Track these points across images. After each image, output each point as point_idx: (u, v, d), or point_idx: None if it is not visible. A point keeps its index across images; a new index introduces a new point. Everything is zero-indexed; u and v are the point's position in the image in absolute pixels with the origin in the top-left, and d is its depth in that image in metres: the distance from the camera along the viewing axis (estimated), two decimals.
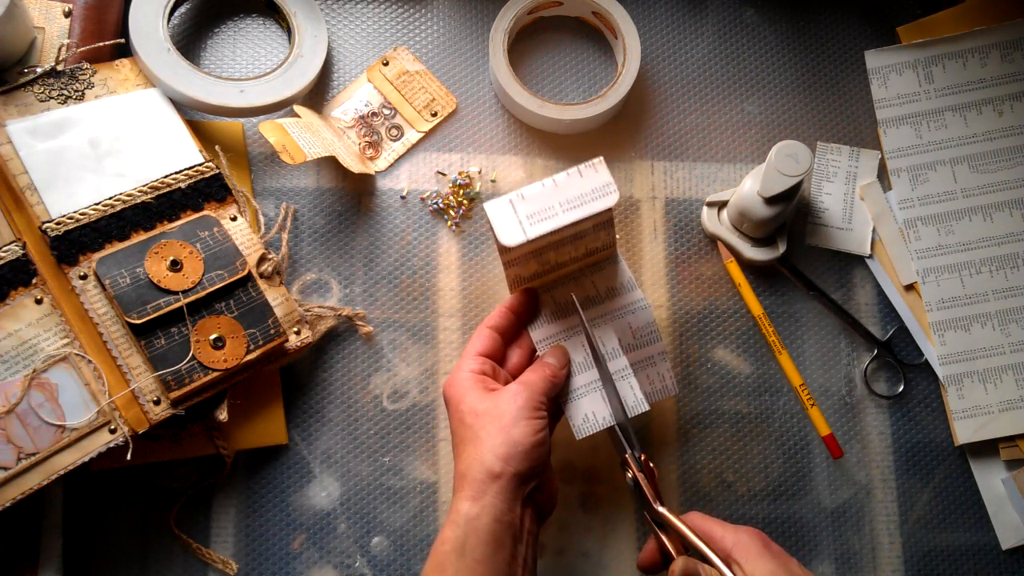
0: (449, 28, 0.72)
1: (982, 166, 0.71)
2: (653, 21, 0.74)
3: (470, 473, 0.49)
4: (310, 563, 0.62)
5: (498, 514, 0.48)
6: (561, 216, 0.51)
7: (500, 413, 0.50)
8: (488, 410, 0.51)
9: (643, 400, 0.56)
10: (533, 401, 0.51)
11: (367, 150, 0.69)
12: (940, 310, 0.69)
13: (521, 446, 0.49)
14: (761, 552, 0.48)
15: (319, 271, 0.66)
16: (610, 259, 0.60)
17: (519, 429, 0.50)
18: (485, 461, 0.49)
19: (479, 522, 0.47)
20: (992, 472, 0.67)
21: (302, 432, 0.64)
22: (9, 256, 0.56)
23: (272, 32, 0.71)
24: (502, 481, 0.48)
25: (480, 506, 0.48)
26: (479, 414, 0.51)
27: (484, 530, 0.47)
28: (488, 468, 0.49)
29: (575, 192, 0.52)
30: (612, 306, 0.59)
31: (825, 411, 0.67)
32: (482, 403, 0.51)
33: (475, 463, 0.49)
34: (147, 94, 0.63)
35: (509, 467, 0.49)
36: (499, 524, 0.48)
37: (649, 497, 0.53)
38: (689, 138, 0.72)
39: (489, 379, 0.54)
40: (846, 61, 0.74)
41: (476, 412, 0.51)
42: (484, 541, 0.47)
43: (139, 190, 0.60)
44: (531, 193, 0.52)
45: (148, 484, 0.61)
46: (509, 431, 0.50)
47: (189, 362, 0.56)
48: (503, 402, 0.51)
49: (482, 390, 0.52)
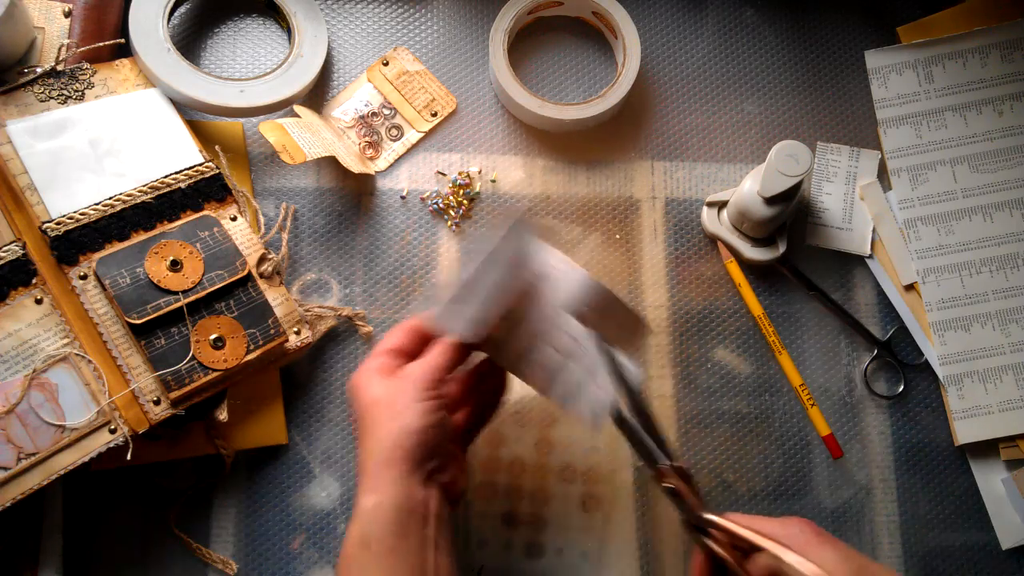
0: (449, 28, 0.72)
1: (982, 166, 0.71)
2: (653, 21, 0.74)
3: (366, 465, 0.48)
4: (310, 563, 0.62)
5: (398, 501, 0.46)
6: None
7: (392, 400, 0.49)
8: (380, 398, 0.49)
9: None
10: (424, 382, 0.49)
11: (367, 150, 0.69)
12: (940, 310, 0.69)
13: (411, 428, 0.48)
14: (818, 540, 0.46)
15: (319, 271, 0.66)
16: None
17: (410, 412, 0.48)
18: (376, 450, 0.48)
19: (379, 512, 0.46)
20: (992, 472, 0.67)
21: (302, 432, 0.64)
22: (9, 256, 0.56)
23: (272, 32, 0.71)
24: (396, 466, 0.47)
25: (378, 496, 0.47)
26: (371, 404, 0.50)
27: (385, 519, 0.46)
28: (380, 457, 0.47)
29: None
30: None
31: (825, 411, 0.67)
32: (375, 393, 0.50)
33: (369, 453, 0.48)
34: (147, 94, 0.63)
35: (398, 451, 0.47)
36: (400, 512, 0.46)
37: (692, 505, 0.50)
38: (689, 138, 0.72)
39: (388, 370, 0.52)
40: (846, 61, 0.74)
41: (368, 404, 0.50)
42: (389, 532, 0.46)
43: (139, 190, 0.60)
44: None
45: (148, 484, 0.61)
46: (401, 417, 0.48)
47: (189, 362, 0.56)
48: (394, 389, 0.50)
49: (377, 380, 0.51)
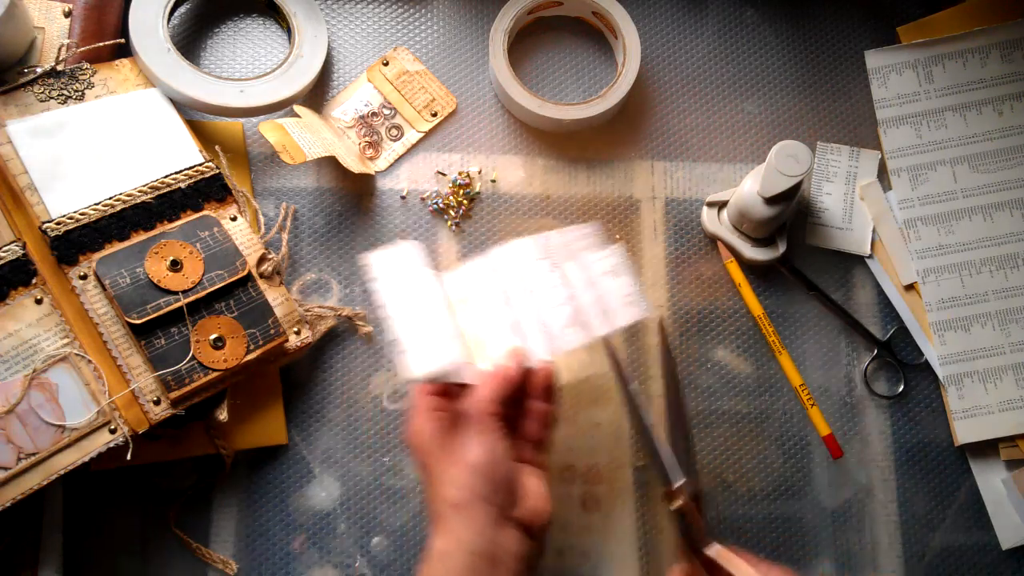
0: (449, 28, 0.72)
1: (982, 166, 0.71)
2: (653, 21, 0.74)
3: (437, 508, 0.48)
4: (310, 563, 0.62)
5: (470, 546, 0.46)
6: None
7: (445, 441, 0.49)
8: (434, 441, 0.49)
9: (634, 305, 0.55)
10: (479, 417, 0.49)
11: (367, 150, 0.69)
12: (940, 310, 0.69)
13: (475, 466, 0.47)
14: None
15: (319, 271, 0.66)
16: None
17: (469, 451, 0.48)
18: (446, 494, 0.47)
19: (450, 557, 0.45)
20: (992, 472, 0.67)
21: (302, 432, 0.64)
22: (9, 256, 0.56)
23: (272, 32, 0.71)
24: (466, 509, 0.46)
25: (448, 540, 0.46)
26: (428, 451, 0.49)
27: (457, 565, 0.45)
28: (449, 500, 0.47)
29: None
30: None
31: (825, 411, 0.67)
32: (430, 438, 0.50)
33: (438, 498, 0.48)
34: (147, 94, 0.63)
35: (467, 493, 0.47)
36: (472, 556, 0.45)
37: (698, 530, 0.50)
38: (689, 138, 0.72)
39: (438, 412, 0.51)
40: (846, 61, 0.74)
41: (426, 450, 0.50)
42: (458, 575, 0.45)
43: (139, 190, 0.60)
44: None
45: (148, 484, 0.61)
46: (460, 454, 0.48)
47: (189, 362, 0.56)
48: (447, 428, 0.49)
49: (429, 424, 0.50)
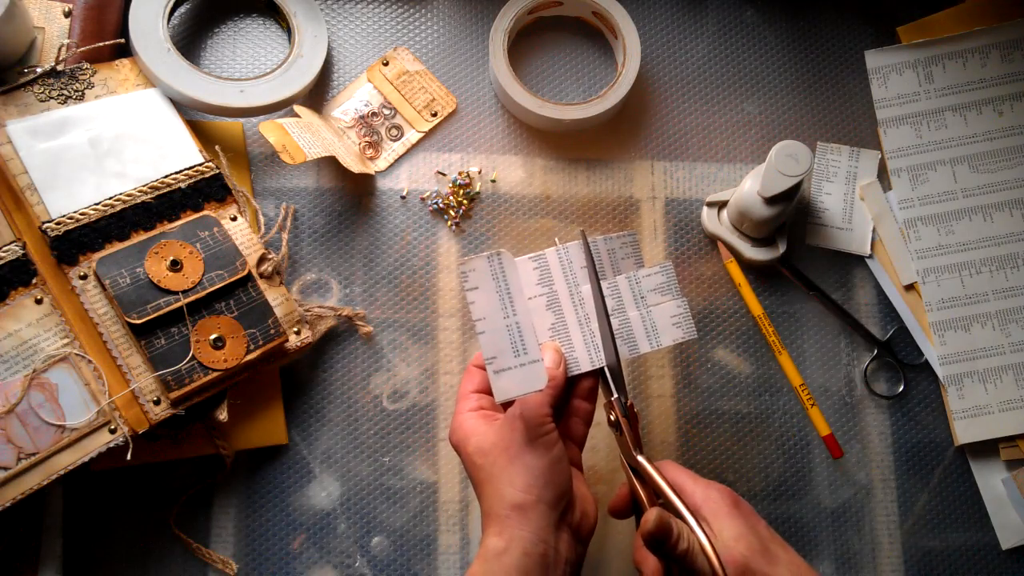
0: (449, 28, 0.72)
1: (982, 166, 0.71)
2: (653, 21, 0.74)
3: (494, 509, 0.47)
4: (310, 563, 0.62)
5: (527, 547, 0.46)
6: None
7: (506, 444, 0.48)
8: (494, 444, 0.49)
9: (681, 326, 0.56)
10: (535, 420, 0.49)
11: (367, 150, 0.69)
12: (940, 310, 0.69)
13: (538, 470, 0.47)
14: (730, 511, 0.48)
15: (319, 271, 0.66)
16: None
17: (530, 454, 0.48)
18: (505, 495, 0.47)
19: (506, 557, 0.45)
20: (992, 472, 0.67)
21: (302, 432, 0.64)
22: (9, 256, 0.56)
23: (272, 32, 0.71)
24: (528, 512, 0.46)
25: (506, 540, 0.46)
26: (486, 451, 0.49)
27: (512, 565, 0.45)
28: (510, 501, 0.47)
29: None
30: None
31: (825, 411, 0.67)
32: (486, 439, 0.49)
33: (496, 499, 0.47)
34: (147, 94, 0.63)
35: (531, 495, 0.47)
36: (528, 558, 0.45)
37: (629, 443, 0.52)
38: (689, 138, 0.72)
39: (488, 411, 0.52)
40: (846, 61, 0.74)
41: (483, 450, 0.49)
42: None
43: (139, 190, 0.60)
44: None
45: (148, 484, 0.61)
46: (521, 458, 0.48)
47: (189, 362, 0.56)
48: (506, 431, 0.49)
49: (484, 425, 0.50)
